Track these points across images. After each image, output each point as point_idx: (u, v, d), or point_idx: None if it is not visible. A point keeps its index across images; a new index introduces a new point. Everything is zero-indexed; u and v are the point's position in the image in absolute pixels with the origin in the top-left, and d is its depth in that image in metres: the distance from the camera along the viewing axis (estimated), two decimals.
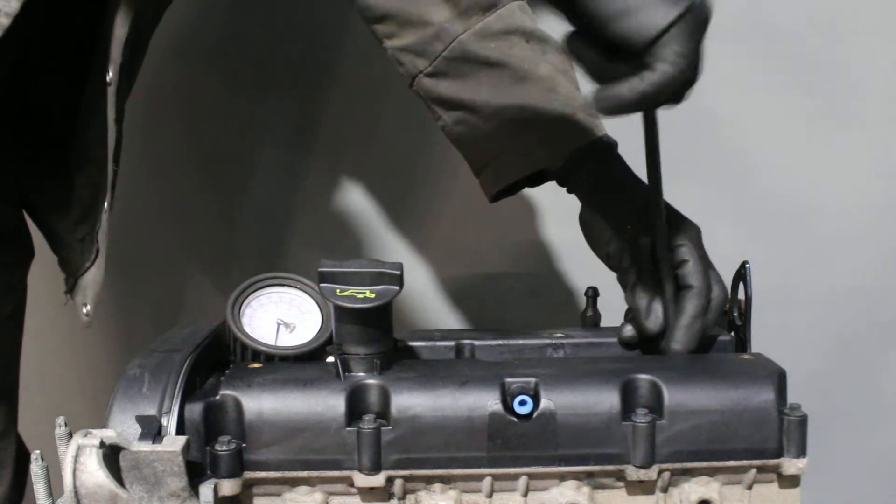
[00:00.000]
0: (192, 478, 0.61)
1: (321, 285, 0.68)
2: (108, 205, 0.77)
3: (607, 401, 0.66)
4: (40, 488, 0.62)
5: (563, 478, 0.67)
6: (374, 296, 0.67)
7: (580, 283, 1.16)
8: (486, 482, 0.67)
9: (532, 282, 1.19)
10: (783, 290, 1.15)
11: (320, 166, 1.17)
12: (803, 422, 0.66)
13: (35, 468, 0.62)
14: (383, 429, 0.65)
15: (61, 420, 0.62)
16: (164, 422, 0.64)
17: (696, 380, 0.67)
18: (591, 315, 0.87)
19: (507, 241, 1.18)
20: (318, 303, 0.77)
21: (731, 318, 0.80)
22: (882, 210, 1.16)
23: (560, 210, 1.15)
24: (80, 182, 0.80)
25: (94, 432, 0.59)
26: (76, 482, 0.58)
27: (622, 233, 0.77)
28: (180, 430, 0.64)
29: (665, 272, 0.74)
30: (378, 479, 0.65)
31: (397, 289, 0.68)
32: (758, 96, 1.13)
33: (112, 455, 0.59)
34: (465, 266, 1.19)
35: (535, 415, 0.65)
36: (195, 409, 0.65)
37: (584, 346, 0.80)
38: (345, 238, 1.18)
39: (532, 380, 0.66)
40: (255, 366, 0.71)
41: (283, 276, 0.78)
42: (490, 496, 0.67)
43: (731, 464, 0.67)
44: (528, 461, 0.66)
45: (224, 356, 0.77)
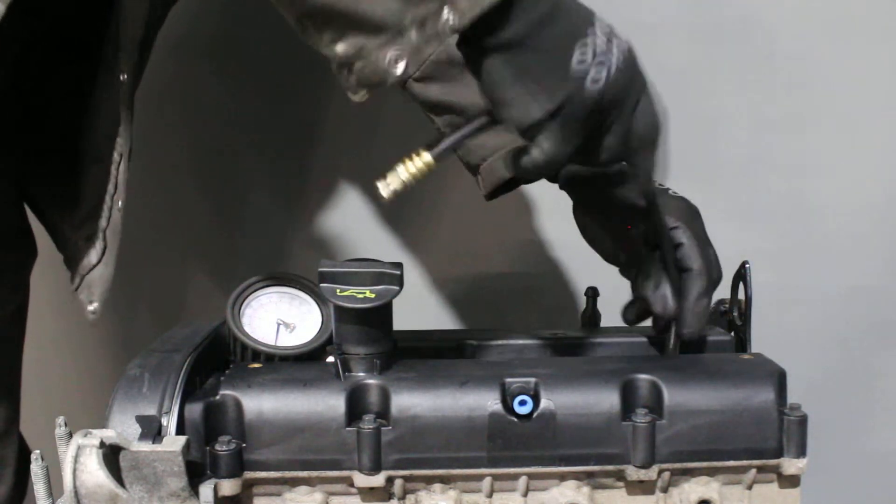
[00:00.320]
0: (192, 478, 0.61)
1: (321, 285, 0.68)
2: (121, 203, 0.77)
3: (607, 401, 0.66)
4: (40, 488, 0.62)
5: (563, 478, 0.67)
6: (374, 296, 0.67)
7: (580, 283, 1.16)
8: (486, 482, 0.67)
9: (532, 282, 1.19)
10: (783, 290, 1.15)
11: (321, 166, 1.17)
12: (803, 422, 0.67)
13: (35, 468, 0.62)
14: (383, 429, 0.65)
15: (61, 420, 0.62)
16: (164, 422, 0.64)
17: (696, 380, 0.68)
18: (591, 315, 0.87)
19: (507, 241, 1.18)
20: (318, 303, 0.77)
21: (731, 318, 0.80)
22: (882, 210, 1.16)
23: (560, 210, 1.15)
24: (85, 181, 0.80)
25: (94, 432, 0.59)
26: (76, 482, 0.58)
27: (619, 232, 0.77)
28: (180, 430, 0.64)
29: (668, 257, 0.74)
30: (378, 479, 0.65)
31: (397, 289, 0.68)
32: (758, 96, 1.13)
33: (112, 455, 0.59)
34: (465, 266, 1.19)
35: (535, 415, 0.65)
36: (195, 409, 0.65)
37: (584, 346, 0.80)
38: (345, 238, 1.18)
39: (532, 380, 0.66)
40: (255, 366, 0.71)
41: (283, 275, 0.78)
42: (490, 496, 0.67)
43: (731, 464, 0.67)
44: (528, 461, 0.66)
45: (224, 356, 0.77)
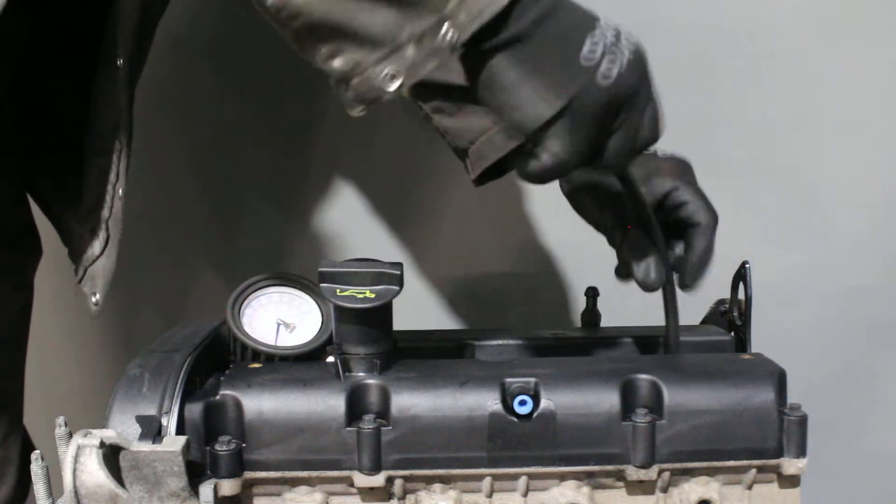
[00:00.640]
0: (192, 478, 0.61)
1: (321, 285, 0.68)
2: (122, 192, 0.77)
3: (607, 401, 0.66)
4: (40, 488, 0.62)
5: (563, 478, 0.67)
6: (374, 296, 0.67)
7: (580, 283, 1.16)
8: (486, 482, 0.67)
9: (532, 282, 1.19)
10: (783, 290, 1.15)
11: (320, 166, 1.17)
12: (803, 422, 0.67)
13: (35, 468, 0.62)
14: (383, 429, 0.65)
15: (61, 420, 0.62)
16: (164, 422, 0.64)
17: (696, 380, 0.68)
18: (591, 315, 0.87)
19: (507, 241, 1.18)
20: (318, 303, 0.77)
21: (731, 318, 0.80)
22: (882, 210, 1.16)
23: (560, 210, 1.15)
24: (89, 173, 0.80)
25: (94, 432, 0.59)
26: (76, 482, 0.58)
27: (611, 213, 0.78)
28: (180, 430, 0.64)
29: (653, 229, 0.73)
30: (378, 479, 0.65)
31: (397, 289, 0.68)
32: (758, 95, 1.13)
33: (112, 455, 0.59)
34: (465, 266, 1.19)
35: (535, 415, 0.65)
36: (195, 409, 0.65)
37: (584, 345, 0.80)
38: (345, 238, 1.18)
39: (532, 380, 0.66)
40: (255, 366, 0.71)
41: (283, 276, 0.78)
42: (490, 496, 0.67)
43: (731, 464, 0.67)
44: (528, 461, 0.66)
45: (224, 356, 0.77)
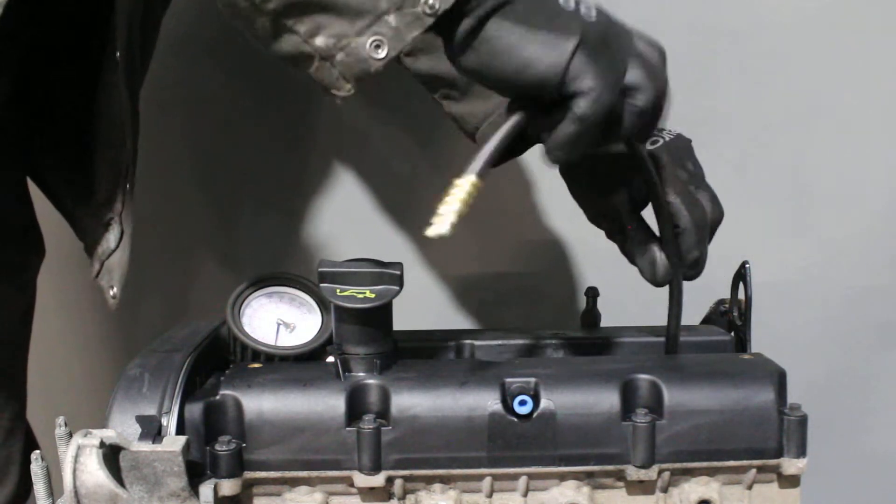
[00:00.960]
0: (192, 478, 0.61)
1: (321, 285, 0.68)
2: (129, 185, 0.77)
3: (607, 401, 0.66)
4: (40, 488, 0.62)
5: (563, 478, 0.67)
6: (374, 296, 0.67)
7: (580, 283, 1.16)
8: (486, 482, 0.67)
9: (532, 282, 1.18)
10: (783, 290, 1.15)
11: (321, 165, 1.17)
12: (803, 422, 0.67)
13: (35, 468, 0.62)
14: (383, 429, 0.65)
15: (61, 420, 0.62)
16: (164, 422, 0.64)
17: (696, 380, 0.68)
18: (591, 315, 0.87)
19: (508, 240, 1.18)
20: (317, 303, 0.77)
21: (731, 318, 0.80)
22: (883, 210, 1.16)
23: (560, 210, 1.15)
24: (100, 167, 0.80)
25: (94, 432, 0.59)
26: (76, 482, 0.58)
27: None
28: (180, 430, 0.64)
29: (664, 222, 0.72)
30: (378, 479, 0.65)
31: (397, 289, 0.68)
32: (758, 95, 1.13)
33: (112, 455, 0.59)
34: (466, 266, 1.19)
35: (535, 415, 0.65)
36: (195, 409, 0.65)
37: (584, 346, 0.80)
38: (345, 238, 1.18)
39: (532, 380, 0.66)
40: (255, 366, 0.71)
41: (283, 276, 0.78)
42: (490, 496, 0.67)
43: (731, 464, 0.67)
44: (528, 461, 0.66)
45: (224, 356, 0.77)
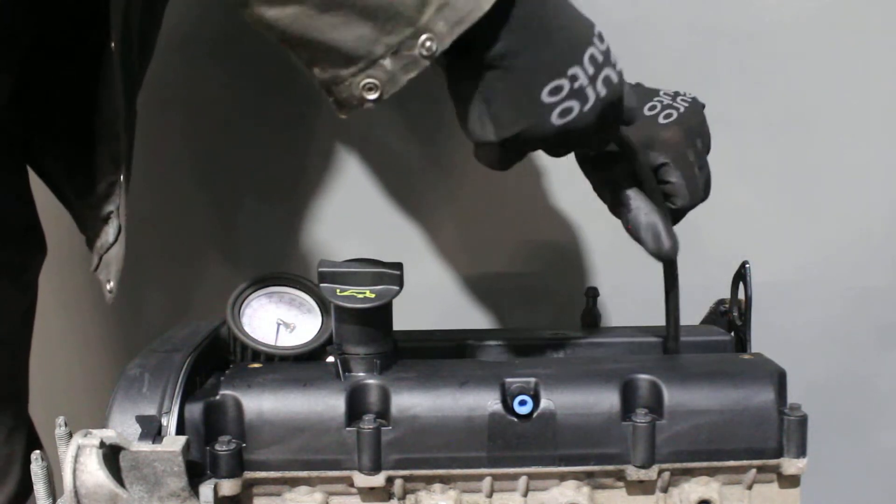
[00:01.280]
0: (192, 478, 0.61)
1: (321, 285, 0.68)
2: (123, 178, 0.76)
3: (607, 401, 0.66)
4: (40, 488, 0.62)
5: (563, 478, 0.67)
6: (374, 296, 0.67)
7: (580, 283, 1.16)
8: (486, 482, 0.67)
9: (532, 282, 1.18)
10: (783, 290, 1.15)
11: (321, 165, 1.17)
12: (803, 422, 0.67)
13: (35, 468, 0.62)
14: (383, 429, 0.65)
15: (61, 420, 0.62)
16: (164, 422, 0.64)
17: (696, 380, 0.68)
18: (591, 315, 0.87)
19: (508, 240, 1.18)
20: (318, 303, 0.77)
21: (731, 318, 0.80)
22: (883, 210, 1.16)
23: (561, 210, 1.15)
24: (101, 161, 0.79)
25: (94, 432, 0.59)
26: (76, 482, 0.58)
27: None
28: (180, 430, 0.64)
29: (656, 198, 0.72)
30: (378, 479, 0.65)
31: (397, 289, 0.68)
32: (758, 95, 1.13)
33: (112, 455, 0.59)
34: (466, 266, 1.19)
35: (535, 415, 0.65)
36: (195, 409, 0.65)
37: (584, 346, 0.80)
38: (345, 238, 1.18)
39: (532, 380, 0.66)
40: (255, 366, 0.71)
41: (283, 276, 0.78)
42: (490, 496, 0.67)
43: (731, 464, 0.67)
44: (528, 461, 0.66)
45: (224, 356, 0.77)
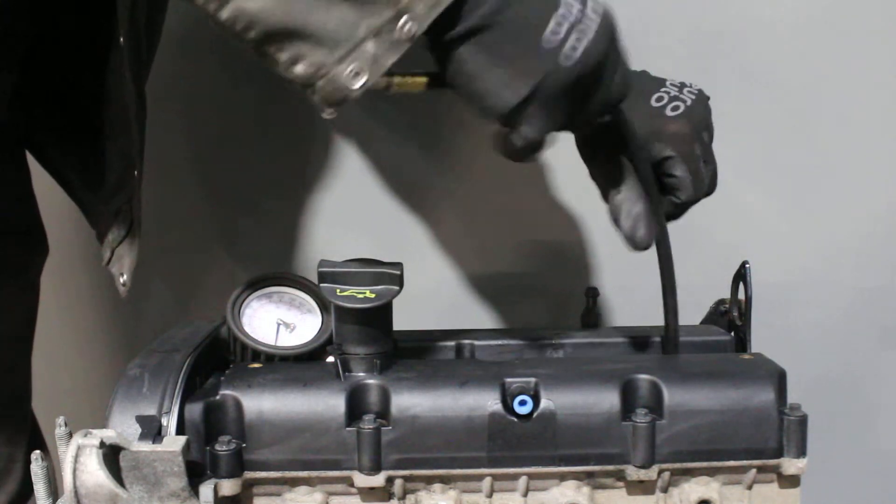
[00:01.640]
0: (192, 478, 0.61)
1: (321, 285, 0.68)
2: (137, 172, 0.76)
3: (607, 401, 0.66)
4: (40, 488, 0.62)
5: (563, 478, 0.67)
6: (374, 296, 0.67)
7: (580, 283, 1.16)
8: (486, 482, 0.67)
9: (532, 281, 1.18)
10: (783, 290, 1.15)
11: (322, 165, 1.17)
12: (803, 422, 0.67)
13: (35, 468, 0.62)
14: (383, 429, 0.65)
15: (61, 420, 0.62)
16: (164, 422, 0.64)
17: (696, 380, 0.68)
18: (591, 315, 0.87)
19: (508, 240, 1.18)
20: (317, 303, 0.77)
21: (731, 318, 0.80)
22: (884, 210, 1.16)
23: (561, 210, 1.15)
24: (111, 154, 0.79)
25: (94, 432, 0.59)
26: (76, 482, 0.58)
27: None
28: (180, 430, 0.64)
29: (648, 186, 0.72)
30: (378, 479, 0.65)
31: (397, 289, 0.68)
32: (758, 96, 1.13)
33: (112, 455, 0.59)
34: (466, 266, 1.19)
35: (535, 415, 0.65)
36: (195, 409, 0.65)
37: (584, 346, 0.80)
38: (345, 238, 1.18)
39: (532, 380, 0.66)
40: (255, 366, 0.71)
41: (283, 275, 0.78)
42: (490, 496, 0.67)
43: (731, 464, 0.67)
44: (528, 461, 0.66)
45: (224, 356, 0.77)
